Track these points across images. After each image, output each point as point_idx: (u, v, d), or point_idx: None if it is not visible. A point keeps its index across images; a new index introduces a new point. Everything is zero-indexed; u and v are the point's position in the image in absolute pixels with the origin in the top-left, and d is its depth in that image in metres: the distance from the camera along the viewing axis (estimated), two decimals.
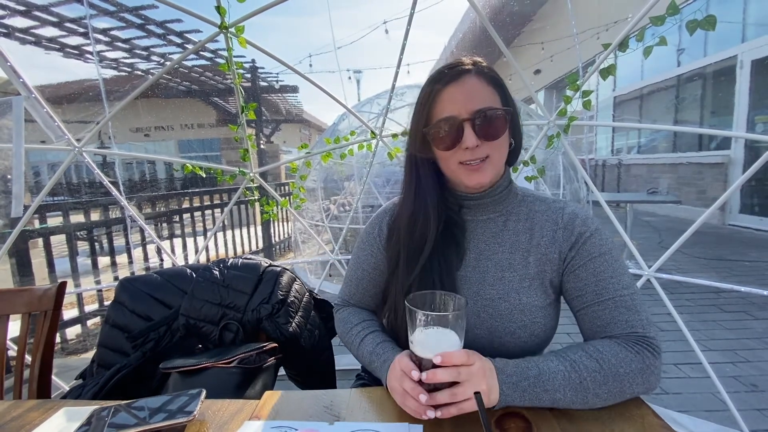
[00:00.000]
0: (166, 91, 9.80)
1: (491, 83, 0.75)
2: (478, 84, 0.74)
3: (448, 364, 0.59)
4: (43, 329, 1.07)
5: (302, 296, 1.22)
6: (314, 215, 5.06)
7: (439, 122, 0.74)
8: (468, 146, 0.72)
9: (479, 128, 0.72)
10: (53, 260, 2.86)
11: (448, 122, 0.73)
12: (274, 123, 11.43)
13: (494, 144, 0.74)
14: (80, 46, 6.63)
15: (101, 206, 3.41)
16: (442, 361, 0.58)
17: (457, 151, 0.74)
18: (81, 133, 1.87)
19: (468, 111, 0.72)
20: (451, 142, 0.74)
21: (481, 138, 0.72)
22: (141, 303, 1.12)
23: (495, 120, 0.73)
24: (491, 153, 0.74)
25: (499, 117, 0.73)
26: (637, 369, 0.64)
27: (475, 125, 0.72)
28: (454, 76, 0.74)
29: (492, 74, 0.76)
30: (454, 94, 0.73)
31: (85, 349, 2.94)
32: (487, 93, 0.74)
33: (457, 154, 0.74)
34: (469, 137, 0.72)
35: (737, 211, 5.75)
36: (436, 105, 0.75)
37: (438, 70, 0.77)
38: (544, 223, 0.79)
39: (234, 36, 1.72)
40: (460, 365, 0.59)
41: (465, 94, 0.73)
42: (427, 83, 0.77)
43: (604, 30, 5.97)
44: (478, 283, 0.78)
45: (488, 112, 0.72)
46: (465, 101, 0.72)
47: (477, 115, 0.72)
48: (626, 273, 0.73)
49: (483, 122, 0.72)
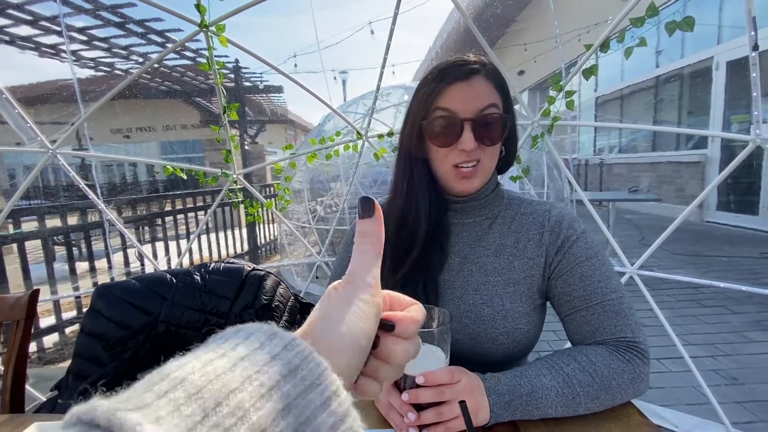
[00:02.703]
0: (147, 92, 9.57)
1: (498, 88, 0.73)
2: (485, 86, 0.72)
3: (431, 384, 0.57)
4: (16, 339, 1.03)
5: (287, 300, 1.19)
6: (300, 216, 5.01)
7: (440, 117, 0.72)
8: (464, 148, 0.70)
9: (478, 131, 0.70)
10: (29, 266, 2.76)
11: (449, 119, 0.71)
12: (258, 124, 11.30)
13: (488, 150, 0.73)
14: (56, 45, 6.43)
15: (78, 210, 3.31)
16: (425, 381, 0.56)
17: (453, 150, 0.72)
18: (56, 134, 1.81)
19: (471, 111, 0.70)
20: (447, 140, 0.72)
21: (478, 141, 0.71)
22: (119, 310, 1.08)
23: (495, 126, 0.72)
24: (483, 158, 0.73)
25: (498, 123, 0.72)
26: (629, 380, 0.64)
27: (475, 127, 0.70)
28: (464, 73, 0.71)
29: (499, 78, 0.75)
30: (460, 92, 0.71)
31: (63, 358, 2.84)
32: (493, 97, 0.72)
33: (452, 154, 0.72)
34: (467, 139, 0.70)
35: (714, 208, 5.93)
36: (440, 100, 0.72)
37: (446, 64, 0.74)
38: (530, 225, 0.78)
39: (215, 35, 1.68)
40: (443, 384, 0.57)
41: (471, 94, 0.71)
42: (433, 77, 0.73)
43: (586, 32, 6.07)
44: (461, 287, 0.77)
45: (490, 117, 0.71)
46: (470, 101, 0.70)
47: (479, 118, 0.70)
48: (614, 276, 0.72)
49: (483, 126, 0.70)
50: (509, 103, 0.76)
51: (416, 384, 0.57)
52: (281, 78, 13.96)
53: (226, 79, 1.91)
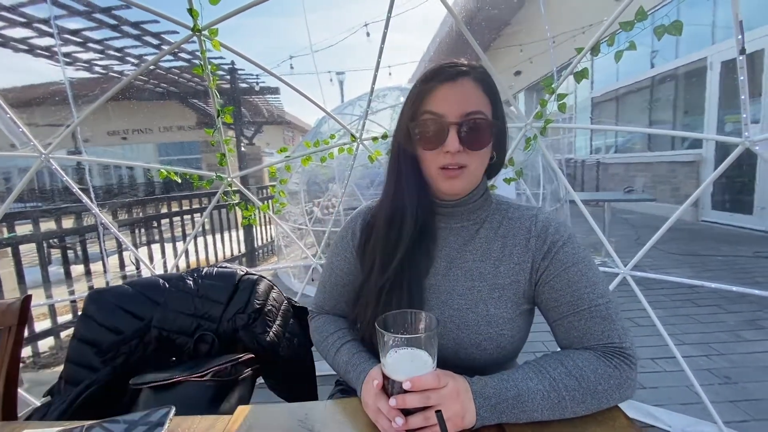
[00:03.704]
0: (143, 94, 9.52)
1: (486, 92, 0.73)
2: (473, 89, 0.72)
3: (418, 389, 0.57)
4: (8, 345, 1.02)
5: (280, 304, 1.20)
6: (297, 218, 5.01)
7: (426, 119, 0.72)
8: (449, 150, 0.70)
9: (464, 135, 0.70)
10: (23, 270, 2.74)
11: (435, 122, 0.71)
12: (255, 125, 11.27)
13: (475, 154, 0.72)
14: (50, 47, 6.40)
15: (73, 213, 3.30)
16: (411, 387, 0.57)
17: (439, 153, 0.72)
18: (50, 137, 1.80)
19: (457, 114, 0.70)
20: (433, 143, 0.72)
21: (464, 145, 0.70)
22: (111, 316, 1.07)
23: (481, 130, 0.71)
24: (469, 163, 0.72)
25: (485, 128, 0.72)
26: (615, 385, 0.64)
27: (461, 131, 0.70)
28: (451, 75, 0.71)
29: (489, 82, 0.74)
30: (447, 94, 0.71)
31: (58, 363, 2.83)
32: (480, 100, 0.72)
33: (439, 157, 0.72)
34: (452, 141, 0.70)
35: (709, 207, 5.96)
36: (427, 102, 0.72)
37: (436, 66, 0.74)
38: (516, 231, 0.77)
39: (208, 38, 1.68)
40: (430, 389, 0.58)
41: (457, 96, 0.71)
42: (422, 78, 0.74)
43: (581, 33, 6.10)
44: (446, 292, 0.77)
45: (476, 121, 0.70)
46: (456, 103, 0.70)
47: (464, 121, 0.70)
48: (601, 281, 0.72)
49: (469, 130, 0.70)
50: (499, 108, 0.75)
51: (404, 389, 0.57)
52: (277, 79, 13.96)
53: (222, 81, 1.90)
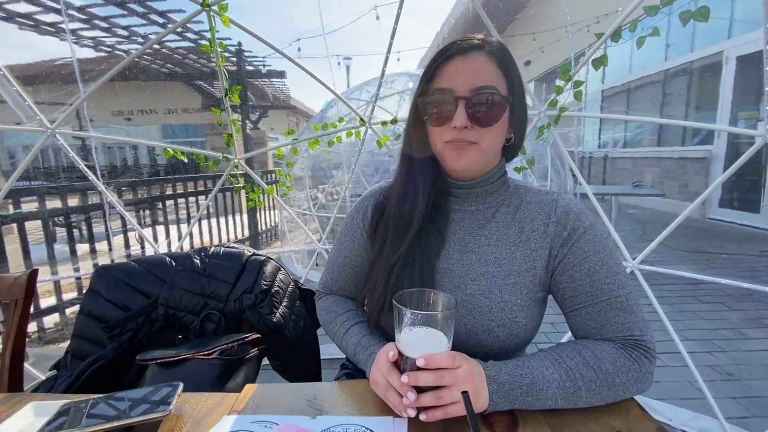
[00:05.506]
0: (148, 74, 9.41)
1: (500, 66, 0.69)
2: (485, 63, 0.68)
3: (431, 367, 0.56)
4: (14, 318, 1.03)
5: (287, 286, 1.19)
6: (301, 204, 5.00)
7: (434, 93, 0.69)
8: (456, 125, 0.67)
9: (473, 110, 0.67)
10: (29, 247, 2.76)
11: (443, 95, 0.68)
12: (260, 109, 11.18)
13: (485, 131, 0.69)
14: (56, 24, 6.32)
15: (79, 191, 3.29)
16: (425, 364, 0.55)
17: (446, 129, 0.69)
18: (55, 114, 1.78)
19: (466, 88, 0.67)
20: (441, 118, 0.69)
21: (472, 121, 0.67)
22: (118, 292, 1.07)
23: (492, 106, 0.67)
24: (480, 140, 0.69)
25: (497, 103, 0.68)
26: (633, 378, 0.63)
27: (469, 105, 0.67)
28: (462, 48, 0.69)
29: (503, 56, 0.70)
30: (457, 68, 0.68)
31: (63, 339, 2.87)
32: (493, 74, 0.68)
33: (447, 132, 0.69)
34: (460, 116, 0.66)
35: (717, 205, 5.90)
36: (437, 76, 0.70)
37: (451, 40, 0.72)
38: (535, 215, 0.75)
39: (217, 14, 1.64)
40: (444, 368, 0.56)
41: (468, 70, 0.68)
42: (435, 54, 0.72)
43: (595, 22, 5.97)
44: (459, 276, 0.75)
45: (486, 96, 0.67)
46: (466, 77, 0.67)
47: (473, 96, 0.67)
48: (621, 271, 0.69)
49: (478, 105, 0.67)
50: (516, 86, 0.71)
51: (417, 366, 0.56)
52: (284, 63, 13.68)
53: (229, 63, 1.87)
